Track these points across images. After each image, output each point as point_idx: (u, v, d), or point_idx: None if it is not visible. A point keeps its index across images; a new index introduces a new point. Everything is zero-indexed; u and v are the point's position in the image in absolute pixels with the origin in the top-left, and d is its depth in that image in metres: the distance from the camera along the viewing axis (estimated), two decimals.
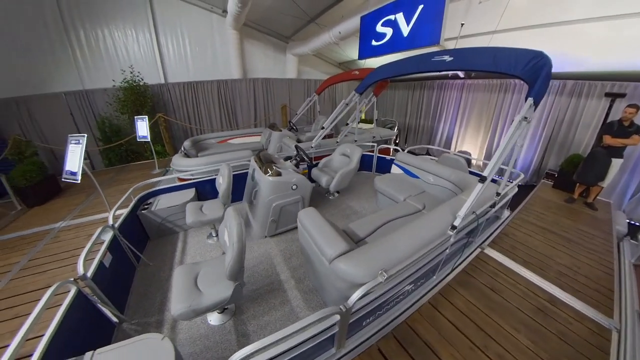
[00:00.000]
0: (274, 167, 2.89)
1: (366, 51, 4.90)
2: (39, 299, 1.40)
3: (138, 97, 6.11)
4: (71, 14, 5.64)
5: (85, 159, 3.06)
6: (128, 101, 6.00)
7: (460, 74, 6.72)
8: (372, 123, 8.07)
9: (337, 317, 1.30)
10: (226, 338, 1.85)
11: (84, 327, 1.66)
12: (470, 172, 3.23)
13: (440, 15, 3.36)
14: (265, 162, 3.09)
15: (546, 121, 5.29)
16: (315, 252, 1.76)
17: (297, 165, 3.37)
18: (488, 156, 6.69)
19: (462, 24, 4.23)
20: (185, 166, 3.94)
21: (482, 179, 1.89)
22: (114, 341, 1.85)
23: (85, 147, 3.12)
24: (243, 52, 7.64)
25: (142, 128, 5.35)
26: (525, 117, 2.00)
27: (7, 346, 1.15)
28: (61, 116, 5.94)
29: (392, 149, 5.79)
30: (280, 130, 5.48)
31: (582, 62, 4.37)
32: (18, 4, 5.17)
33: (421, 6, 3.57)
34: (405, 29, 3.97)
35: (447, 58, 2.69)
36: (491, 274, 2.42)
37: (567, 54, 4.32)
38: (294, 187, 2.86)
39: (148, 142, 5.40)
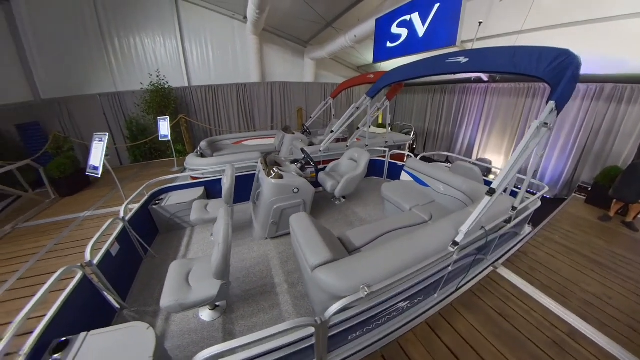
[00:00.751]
0: (277, 170, 2.90)
1: (381, 54, 4.80)
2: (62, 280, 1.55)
3: (163, 99, 6.51)
4: (108, 23, 6.19)
5: (106, 155, 3.29)
6: (153, 103, 6.42)
7: (484, 77, 6.35)
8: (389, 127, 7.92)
9: (312, 329, 1.24)
10: (213, 335, 1.87)
11: (87, 310, 1.78)
12: (488, 183, 3.01)
13: (457, 14, 3.19)
14: (270, 164, 3.11)
15: (580, 129, 4.80)
16: (302, 259, 1.72)
17: (302, 169, 3.35)
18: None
19: (480, 23, 3.96)
20: (197, 165, 4.10)
21: (491, 192, 1.72)
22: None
23: (108, 144, 3.35)
24: (262, 57, 7.86)
25: (164, 128, 5.68)
26: (546, 123, 1.79)
27: (10, 323, 1.25)
28: (96, 115, 6.50)
29: (405, 155, 5.59)
30: (293, 133, 5.54)
31: (623, 63, 3.91)
32: (65, 16, 5.78)
33: (437, 5, 3.41)
34: (420, 30, 3.83)
35: (462, 59, 2.53)
36: (502, 297, 2.19)
37: (606, 55, 3.90)
38: (295, 190, 2.84)
39: (169, 141, 5.71)
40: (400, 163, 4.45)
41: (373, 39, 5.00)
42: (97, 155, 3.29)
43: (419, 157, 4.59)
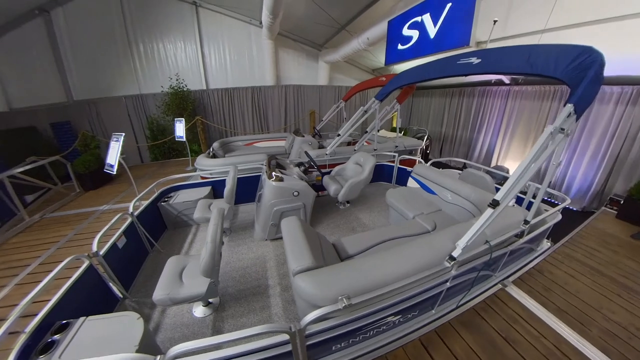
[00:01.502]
0: (279, 172, 2.91)
1: (392, 56, 4.70)
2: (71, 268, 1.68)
3: (181, 102, 6.83)
4: (134, 31, 6.62)
5: (122, 154, 3.49)
6: (172, 105, 6.75)
7: (506, 79, 6.00)
8: (401, 131, 7.72)
9: (285, 337, 1.21)
10: (202, 331, 1.90)
11: (91, 297, 1.90)
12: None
13: (470, 13, 3.04)
14: (273, 166, 3.14)
15: (613, 135, 4.36)
16: (288, 263, 1.70)
17: (305, 172, 3.34)
18: (535, 175, 5.80)
19: (495, 21, 3.73)
20: (206, 166, 4.23)
21: (494, 204, 1.56)
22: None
23: (128, 143, 3.55)
24: (277, 60, 8.01)
25: (180, 129, 5.94)
26: (562, 129, 1.62)
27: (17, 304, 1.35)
28: (121, 116, 6.96)
29: (417, 161, 5.41)
30: (303, 136, 5.57)
31: None
32: (97, 25, 6.27)
33: (449, 5, 3.28)
34: (432, 31, 3.70)
35: (475, 60, 2.38)
36: (509, 319, 2.01)
37: None
38: (295, 193, 2.83)
39: (184, 141, 5.97)
40: (409, 169, 4.31)
41: (386, 41, 4.92)
42: (114, 154, 3.51)
43: (429, 163, 4.43)
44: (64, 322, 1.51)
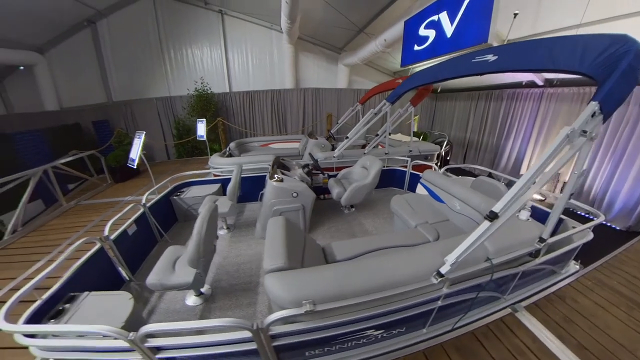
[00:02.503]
0: (280, 173, 2.94)
1: (408, 57, 4.54)
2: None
3: (205, 103, 7.24)
4: (167, 38, 7.20)
5: (142, 150, 3.78)
6: (197, 106, 7.18)
7: (538, 80, 5.47)
8: (420, 135, 7.40)
9: (248, 334, 1.19)
10: (190, 319, 1.97)
11: (101, 276, 2.09)
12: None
13: (488, 8, 2.81)
14: (276, 167, 3.17)
15: None
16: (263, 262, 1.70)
17: (309, 174, 3.34)
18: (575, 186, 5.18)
19: (516, 14, 3.36)
20: (217, 164, 4.42)
21: (491, 216, 1.35)
22: None
23: (147, 141, 3.85)
24: (297, 64, 8.17)
25: (201, 129, 6.28)
26: (585, 131, 1.39)
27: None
28: (152, 116, 7.57)
29: (433, 167, 5.13)
30: (316, 139, 5.58)
31: None
32: (134, 33, 6.92)
33: (467, 1, 3.07)
34: (448, 30, 3.51)
35: (491, 57, 2.14)
36: (514, 350, 1.75)
37: None
38: (295, 194, 2.83)
39: (204, 140, 6.30)
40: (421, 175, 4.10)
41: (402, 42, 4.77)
42: (135, 150, 3.80)
43: (442, 170, 4.17)
44: (73, 294, 1.70)
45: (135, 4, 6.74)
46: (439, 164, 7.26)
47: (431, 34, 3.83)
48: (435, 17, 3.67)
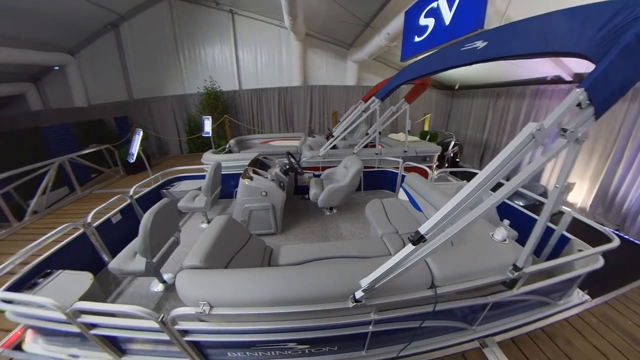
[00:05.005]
0: (252, 171, 2.96)
1: (408, 50, 4.27)
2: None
3: (213, 101, 7.53)
4: (182, 38, 7.59)
5: (140, 146, 4.06)
6: (205, 104, 7.49)
7: (566, 75, 4.84)
8: (425, 135, 6.98)
9: (154, 324, 1.26)
10: (149, 304, 2.11)
11: (82, 258, 2.30)
12: (528, 222, 2.23)
13: None
14: (251, 164, 3.20)
15: None
16: None
17: (285, 172, 3.32)
18: (602, 197, 4.55)
19: None
20: (208, 160, 4.57)
21: (415, 238, 1.07)
22: (98, 277, 2.38)
23: (142, 137, 4.13)
24: (305, 61, 8.12)
25: (207, 126, 6.54)
26: (564, 129, 1.04)
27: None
28: (167, 113, 8.06)
29: (434, 169, 4.82)
30: (314, 137, 5.54)
31: None
32: (153, 35, 7.39)
33: None
34: (447, 16, 3.23)
35: (480, 44, 1.87)
36: None
37: None
38: (263, 193, 2.83)
39: (210, 136, 6.57)
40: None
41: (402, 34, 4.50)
42: (135, 145, 4.09)
43: (437, 172, 3.90)
44: (49, 270, 1.89)
45: (153, 7, 7.19)
46: (447, 165, 6.81)
47: (430, 22, 3.56)
48: (434, 4, 3.38)
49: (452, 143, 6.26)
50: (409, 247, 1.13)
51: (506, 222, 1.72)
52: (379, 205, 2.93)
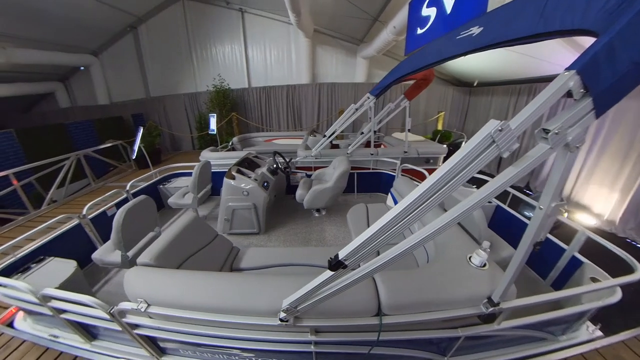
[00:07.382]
0: (236, 171, 2.96)
1: (411, 44, 3.99)
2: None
3: (222, 99, 7.69)
4: (194, 38, 7.83)
5: (141, 142, 4.23)
6: (215, 101, 7.68)
7: None
8: (436, 135, 6.57)
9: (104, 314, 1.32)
10: (123, 292, 2.22)
11: (77, 247, 2.43)
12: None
13: None
14: (237, 163, 3.19)
15: None
16: None
17: (272, 172, 3.27)
18: (635, 210, 3.98)
19: None
20: (206, 158, 4.65)
21: (332, 264, 0.92)
22: (90, 266, 2.51)
23: (142, 133, 4.32)
24: (314, 58, 8.01)
25: (212, 123, 6.70)
26: (546, 130, 0.75)
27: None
28: (180, 110, 8.38)
29: (425, 173, 4.49)
30: (315, 136, 5.45)
31: None
32: (168, 35, 7.70)
33: None
34: (448, 4, 2.97)
35: (475, 30, 1.64)
36: None
37: None
38: (245, 193, 2.81)
39: (215, 134, 6.73)
40: (418, 181, 3.61)
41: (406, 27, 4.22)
42: (137, 142, 4.28)
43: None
44: (42, 257, 2.04)
45: (168, 8, 7.48)
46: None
47: (432, 12, 3.29)
48: None
49: (464, 144, 5.80)
50: (327, 273, 0.98)
51: (486, 243, 1.46)
52: (362, 210, 2.78)
